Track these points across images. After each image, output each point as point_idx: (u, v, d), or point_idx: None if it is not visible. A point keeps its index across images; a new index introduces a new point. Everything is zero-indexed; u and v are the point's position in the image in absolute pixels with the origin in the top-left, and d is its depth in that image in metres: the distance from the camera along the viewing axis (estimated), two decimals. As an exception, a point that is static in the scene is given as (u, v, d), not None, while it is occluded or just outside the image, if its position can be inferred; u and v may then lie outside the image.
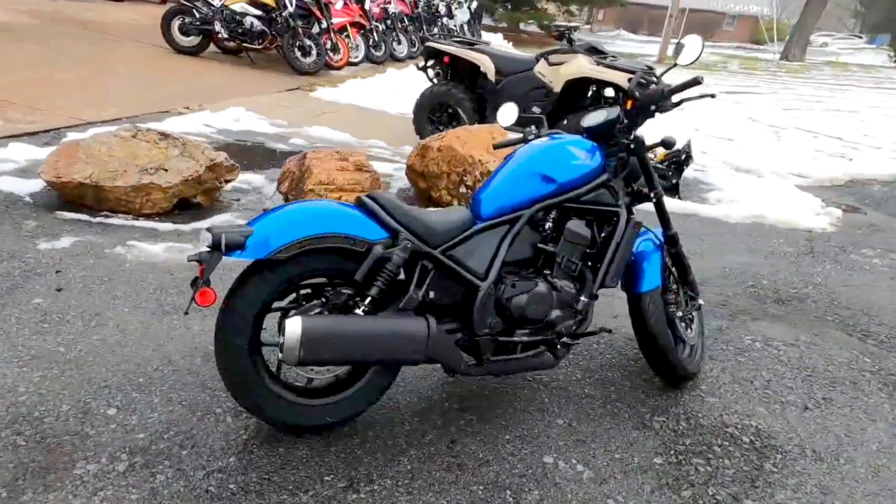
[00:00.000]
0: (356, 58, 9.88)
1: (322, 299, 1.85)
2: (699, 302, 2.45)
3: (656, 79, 4.80)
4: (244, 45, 8.74)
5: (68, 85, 5.94)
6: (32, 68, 6.32)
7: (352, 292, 1.84)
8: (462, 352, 1.91)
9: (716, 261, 3.84)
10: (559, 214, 2.05)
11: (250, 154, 4.86)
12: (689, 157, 4.64)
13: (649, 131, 2.62)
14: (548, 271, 2.02)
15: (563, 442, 2.01)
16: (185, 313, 1.79)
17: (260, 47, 8.70)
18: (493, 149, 2.52)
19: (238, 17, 8.51)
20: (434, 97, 5.29)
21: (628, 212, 2.10)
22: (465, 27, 15.23)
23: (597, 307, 2.12)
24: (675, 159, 4.64)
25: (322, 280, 1.86)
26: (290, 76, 8.39)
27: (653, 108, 2.09)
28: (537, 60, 5.17)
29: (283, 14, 8.45)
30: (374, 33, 10.54)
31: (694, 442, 2.08)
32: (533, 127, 2.30)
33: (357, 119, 6.47)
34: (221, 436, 1.87)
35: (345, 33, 9.71)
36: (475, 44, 5.46)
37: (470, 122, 5.13)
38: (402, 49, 11.47)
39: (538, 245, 2.03)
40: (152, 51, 8.54)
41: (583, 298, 2.02)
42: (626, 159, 2.16)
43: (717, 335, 2.84)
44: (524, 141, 2.28)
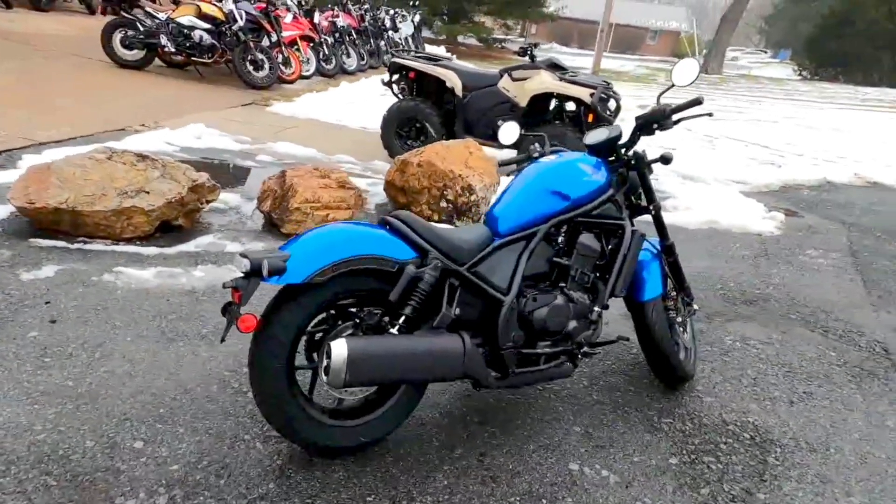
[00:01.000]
0: (308, 71, 9.81)
1: (354, 321, 1.87)
2: (694, 307, 2.61)
3: (614, 94, 5.06)
4: (193, 59, 8.52)
5: (8, 103, 5.64)
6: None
7: (382, 312, 1.88)
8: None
9: (684, 266, 4.04)
10: (570, 229, 2.16)
11: (219, 172, 4.76)
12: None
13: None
14: (563, 284, 2.12)
15: (584, 448, 2.11)
16: (222, 341, 1.78)
17: (210, 61, 8.51)
18: (499, 166, 2.59)
19: (186, 31, 8.30)
20: (402, 112, 5.35)
21: (630, 224, 2.23)
22: (410, 40, 15.36)
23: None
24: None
25: (349, 301, 1.89)
26: (243, 90, 8.25)
27: (655, 126, 2.23)
28: (501, 76, 5.32)
29: (234, 27, 8.30)
30: (325, 47, 10.50)
31: (702, 441, 2.22)
32: (537, 144, 2.40)
33: (320, 134, 6.44)
34: (255, 462, 1.87)
35: (295, 47, 9.62)
36: (439, 59, 5.56)
37: (438, 136, 5.21)
38: (351, 62, 11.46)
39: (553, 259, 2.12)
40: (92, 65, 8.22)
41: (596, 309, 2.13)
42: (625, 174, 2.29)
43: (699, 337, 3.02)
44: (529, 158, 2.38)
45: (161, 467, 1.79)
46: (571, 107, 5.24)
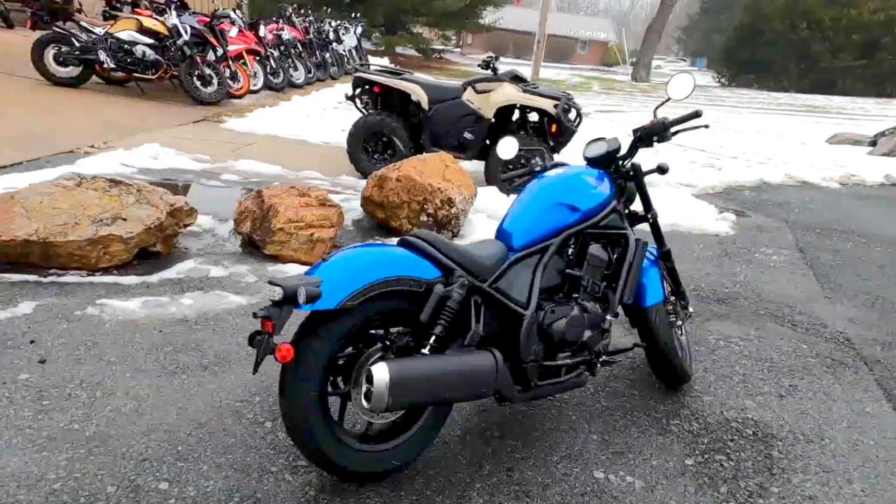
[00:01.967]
0: (256, 86, 9.61)
1: (384, 343, 1.87)
2: (690, 310, 2.72)
3: (575, 104, 5.21)
4: (135, 75, 8.20)
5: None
6: None
7: (411, 333, 1.88)
8: None
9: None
10: (580, 240, 2.22)
11: (182, 194, 4.61)
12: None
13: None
14: (576, 295, 2.18)
15: (605, 456, 2.16)
16: (254, 372, 1.72)
17: (154, 77, 8.21)
18: (502, 181, 2.63)
19: (126, 46, 7.98)
20: (368, 127, 5.32)
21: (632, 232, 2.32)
22: (354, 52, 15.31)
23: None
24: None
25: (374, 324, 1.88)
26: (192, 107, 8.01)
27: (655, 139, 2.32)
28: (464, 89, 5.38)
29: (178, 42, 8.05)
30: (271, 60, 10.32)
31: (710, 440, 2.32)
32: (538, 159, 2.46)
33: (282, 150, 6.31)
34: (288, 495, 1.83)
35: (241, 61, 9.42)
36: (401, 73, 5.57)
37: (406, 150, 5.22)
38: (299, 75, 11.30)
39: (566, 271, 2.18)
40: (22, 83, 7.80)
41: (608, 317, 2.20)
42: (623, 185, 2.38)
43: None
44: (531, 173, 2.43)
45: (192, 508, 1.72)
46: (534, 118, 5.36)
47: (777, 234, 5.46)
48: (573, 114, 5.11)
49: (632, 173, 2.37)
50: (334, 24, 14.05)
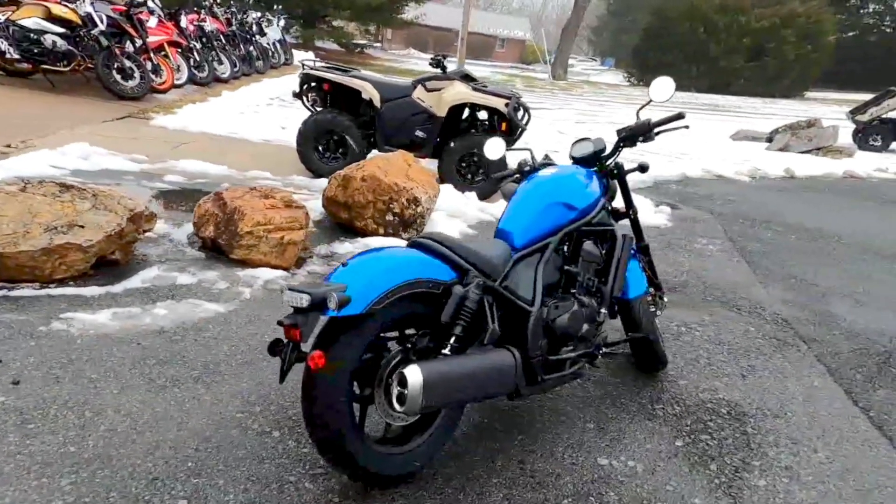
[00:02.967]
0: (180, 80, 9.15)
1: (405, 346, 1.88)
2: (665, 300, 2.89)
3: (524, 103, 5.35)
4: (44, 67, 7.60)
5: None
6: None
7: (429, 334, 1.90)
8: None
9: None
10: (575, 237, 2.32)
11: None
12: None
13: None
14: (573, 290, 2.27)
15: (604, 443, 2.28)
16: (281, 382, 1.69)
17: (66, 69, 7.64)
18: (494, 181, 2.68)
19: (33, 36, 7.38)
20: (319, 125, 5.22)
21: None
22: (278, 45, 14.89)
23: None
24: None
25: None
26: (112, 102, 7.52)
27: (640, 139, 2.45)
28: (414, 87, 5.39)
29: (93, 32, 7.53)
30: (195, 53, 9.84)
31: (693, 421, 2.49)
32: (528, 157, 2.54)
33: (222, 149, 6.06)
34: (312, 503, 1.80)
35: (163, 53, 8.94)
36: (349, 70, 5.50)
37: (359, 149, 5.18)
38: (224, 69, 10.86)
39: (564, 267, 2.27)
40: None
41: (603, 311, 2.31)
42: (608, 183, 2.50)
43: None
44: (521, 172, 2.51)
45: (219, 525, 1.67)
46: (483, 116, 5.46)
47: (708, 226, 5.85)
48: (522, 112, 5.25)
49: (615, 171, 2.49)
50: (256, 15, 13.58)
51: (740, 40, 28.53)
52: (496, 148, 2.62)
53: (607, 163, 2.48)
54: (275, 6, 16.56)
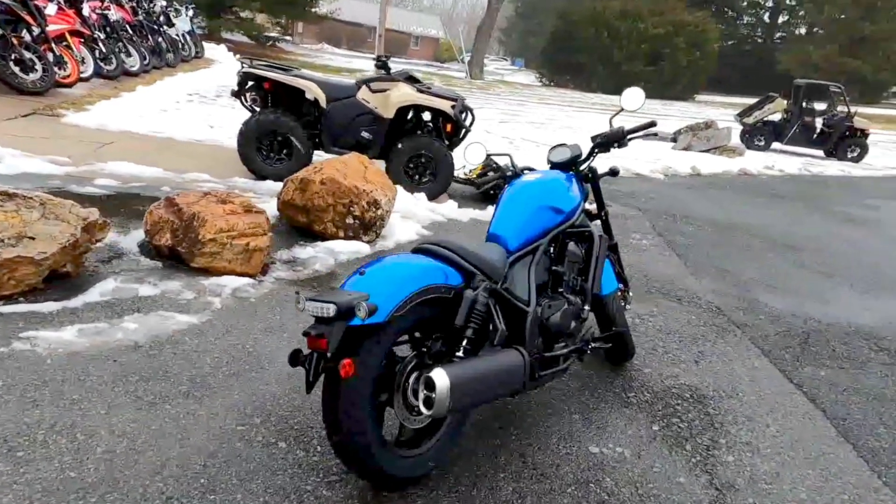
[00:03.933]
0: (85, 73, 8.52)
1: (419, 350, 1.93)
2: (630, 295, 3.09)
3: (468, 105, 5.47)
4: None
5: None
6: None
7: (441, 338, 1.96)
8: None
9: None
10: (560, 239, 2.45)
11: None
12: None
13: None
14: (561, 289, 2.40)
15: (592, 433, 2.43)
16: (308, 392, 1.69)
17: (-48, 60, 6.91)
18: (477, 189, 2.76)
19: None
20: (262, 126, 5.06)
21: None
22: (188, 37, 14.20)
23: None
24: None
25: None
26: (10, 97, 6.88)
27: (615, 145, 2.62)
28: (358, 87, 5.36)
29: (-17, 18, 6.86)
30: (100, 44, 9.19)
31: (663, 406, 2.69)
32: (508, 162, 2.64)
33: (150, 150, 5.72)
34: (335, 511, 1.82)
35: (65, 43, 8.27)
36: (289, 69, 5.38)
37: (304, 150, 5.08)
38: (134, 62, 10.20)
39: (552, 268, 2.40)
40: None
41: (586, 307, 2.46)
42: (583, 186, 2.66)
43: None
44: (503, 178, 2.61)
45: (248, 540, 1.65)
46: (427, 117, 5.52)
47: (638, 221, 6.23)
48: (466, 114, 5.36)
49: (590, 175, 2.65)
50: (163, 4, 12.85)
51: (639, 46, 30.35)
52: (477, 153, 2.71)
53: (582, 167, 2.63)
54: (182, -6, 15.69)
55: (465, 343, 1.92)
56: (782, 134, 14.13)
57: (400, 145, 5.18)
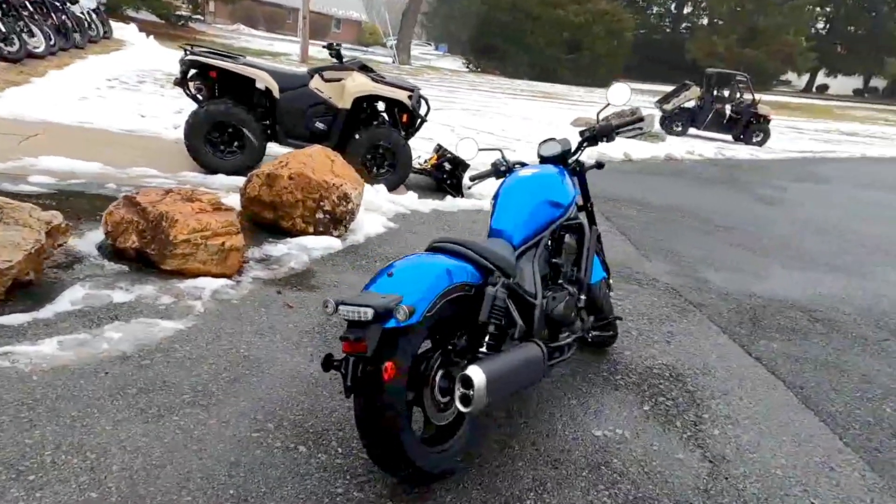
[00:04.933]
0: (-19, 56, 7.78)
1: (445, 348, 1.95)
2: (611, 282, 3.22)
3: (423, 96, 5.45)
4: None
5: None
6: None
7: (464, 334, 1.99)
8: None
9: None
10: (558, 232, 2.52)
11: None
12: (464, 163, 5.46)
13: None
14: (560, 281, 2.48)
15: (591, 417, 2.53)
16: (347, 396, 1.67)
17: None
18: (471, 180, 2.78)
19: None
20: (211, 117, 4.81)
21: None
22: (93, 15, 13.25)
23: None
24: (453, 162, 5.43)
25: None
26: None
27: (604, 139, 2.71)
28: (311, 76, 5.22)
29: None
30: (-1, 22, 8.38)
31: (649, 386, 2.85)
32: (500, 158, 2.68)
33: (83, 142, 5.32)
34: (372, 512, 1.82)
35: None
36: (235, 57, 5.15)
37: (258, 142, 4.90)
38: (38, 42, 9.37)
39: (552, 260, 2.47)
40: None
41: (582, 297, 2.55)
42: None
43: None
44: (497, 173, 2.65)
45: (295, 549, 1.63)
46: (381, 107, 5.46)
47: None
48: (422, 105, 5.34)
49: (578, 169, 2.73)
50: (63, -24, 11.87)
51: (560, 33, 31.08)
52: (469, 148, 2.73)
53: (571, 161, 2.71)
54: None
55: (487, 339, 1.96)
56: (697, 120, 14.95)
57: (358, 136, 5.10)
